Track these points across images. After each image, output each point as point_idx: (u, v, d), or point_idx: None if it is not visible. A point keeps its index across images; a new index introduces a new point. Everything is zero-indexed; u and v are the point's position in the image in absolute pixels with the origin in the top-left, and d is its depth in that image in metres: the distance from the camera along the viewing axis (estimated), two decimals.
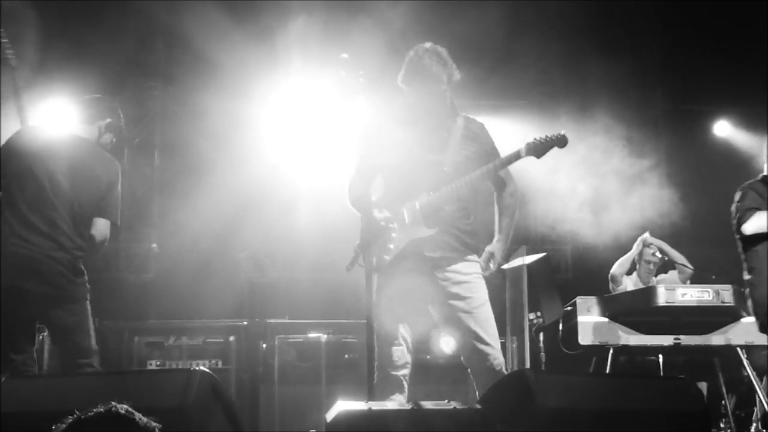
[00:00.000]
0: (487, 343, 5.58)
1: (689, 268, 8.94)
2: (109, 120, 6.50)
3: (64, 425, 2.52)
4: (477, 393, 5.53)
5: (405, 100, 5.88)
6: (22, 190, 6.03)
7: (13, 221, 6.01)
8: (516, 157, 5.63)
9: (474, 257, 5.83)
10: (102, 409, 2.57)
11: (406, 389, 5.64)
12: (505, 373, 5.55)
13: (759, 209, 6.86)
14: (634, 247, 9.15)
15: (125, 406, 2.61)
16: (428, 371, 7.85)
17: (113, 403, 2.60)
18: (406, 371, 5.64)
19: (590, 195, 9.23)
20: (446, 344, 5.44)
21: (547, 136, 5.59)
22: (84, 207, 6.22)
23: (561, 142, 5.59)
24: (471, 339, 5.60)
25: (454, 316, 5.65)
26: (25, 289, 5.95)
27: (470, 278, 5.72)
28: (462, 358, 5.72)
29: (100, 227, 6.41)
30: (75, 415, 2.56)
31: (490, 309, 5.72)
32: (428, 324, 6.06)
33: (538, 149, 5.61)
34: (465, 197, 5.81)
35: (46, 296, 6.04)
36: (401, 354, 5.61)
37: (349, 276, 5.55)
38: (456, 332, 5.69)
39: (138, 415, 2.61)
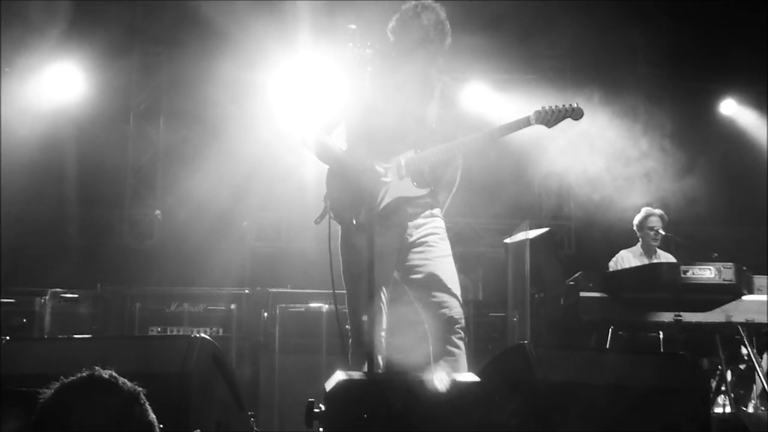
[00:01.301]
0: (442, 292, 5.41)
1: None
2: None
3: (50, 390, 2.52)
4: (431, 347, 5.43)
5: (391, 52, 5.66)
6: None
7: None
8: (525, 123, 5.44)
9: (439, 212, 5.67)
10: (85, 374, 2.57)
11: (384, 350, 5.54)
12: (463, 324, 5.40)
13: None
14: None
15: (109, 371, 2.60)
16: None
17: (96, 368, 2.59)
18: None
19: (595, 171, 9.20)
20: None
21: (558, 106, 5.43)
22: None
23: (576, 114, 5.44)
24: (427, 288, 5.44)
25: (414, 264, 5.50)
26: None
27: (438, 231, 5.55)
28: (419, 309, 5.52)
29: None
30: (60, 381, 2.55)
31: (452, 263, 5.53)
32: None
33: (549, 118, 5.43)
34: (449, 158, 5.60)
35: None
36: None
37: None
38: (414, 280, 5.50)
39: (122, 380, 2.59)
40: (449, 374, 5.33)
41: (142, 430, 2.54)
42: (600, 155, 9.12)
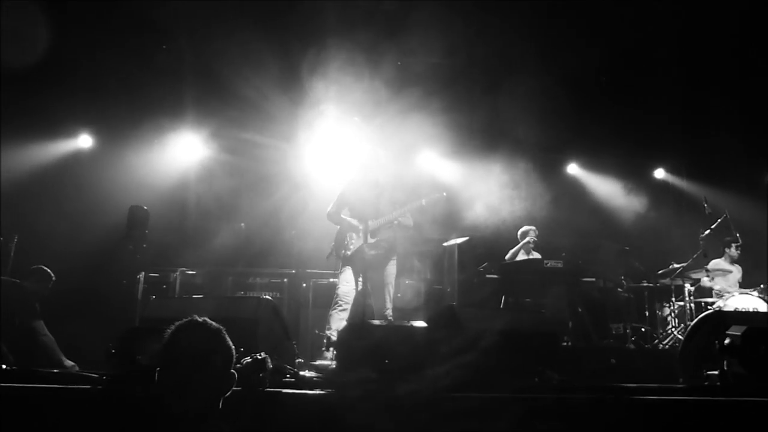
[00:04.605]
0: (384, 298, 6.14)
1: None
2: None
3: (173, 327, 2.46)
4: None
5: (365, 173, 6.41)
6: None
7: None
8: (420, 206, 6.21)
9: (393, 257, 6.35)
10: (190, 319, 2.48)
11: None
12: (391, 318, 6.06)
13: None
14: (520, 243, 8.94)
15: (204, 318, 2.50)
16: None
17: (195, 316, 2.49)
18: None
19: (494, 205, 9.04)
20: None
21: (432, 197, 6.22)
22: None
23: (443, 200, 6.28)
24: (378, 295, 6.12)
25: (376, 282, 6.16)
26: None
27: (389, 265, 6.31)
28: (372, 301, 6.13)
29: None
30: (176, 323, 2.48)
31: (393, 282, 6.28)
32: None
33: (430, 204, 6.22)
34: (386, 223, 6.28)
35: None
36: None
37: None
38: (374, 289, 6.14)
39: (211, 322, 2.49)
40: (408, 321, 5.41)
41: (226, 350, 2.48)
42: (494, 197, 9.01)
